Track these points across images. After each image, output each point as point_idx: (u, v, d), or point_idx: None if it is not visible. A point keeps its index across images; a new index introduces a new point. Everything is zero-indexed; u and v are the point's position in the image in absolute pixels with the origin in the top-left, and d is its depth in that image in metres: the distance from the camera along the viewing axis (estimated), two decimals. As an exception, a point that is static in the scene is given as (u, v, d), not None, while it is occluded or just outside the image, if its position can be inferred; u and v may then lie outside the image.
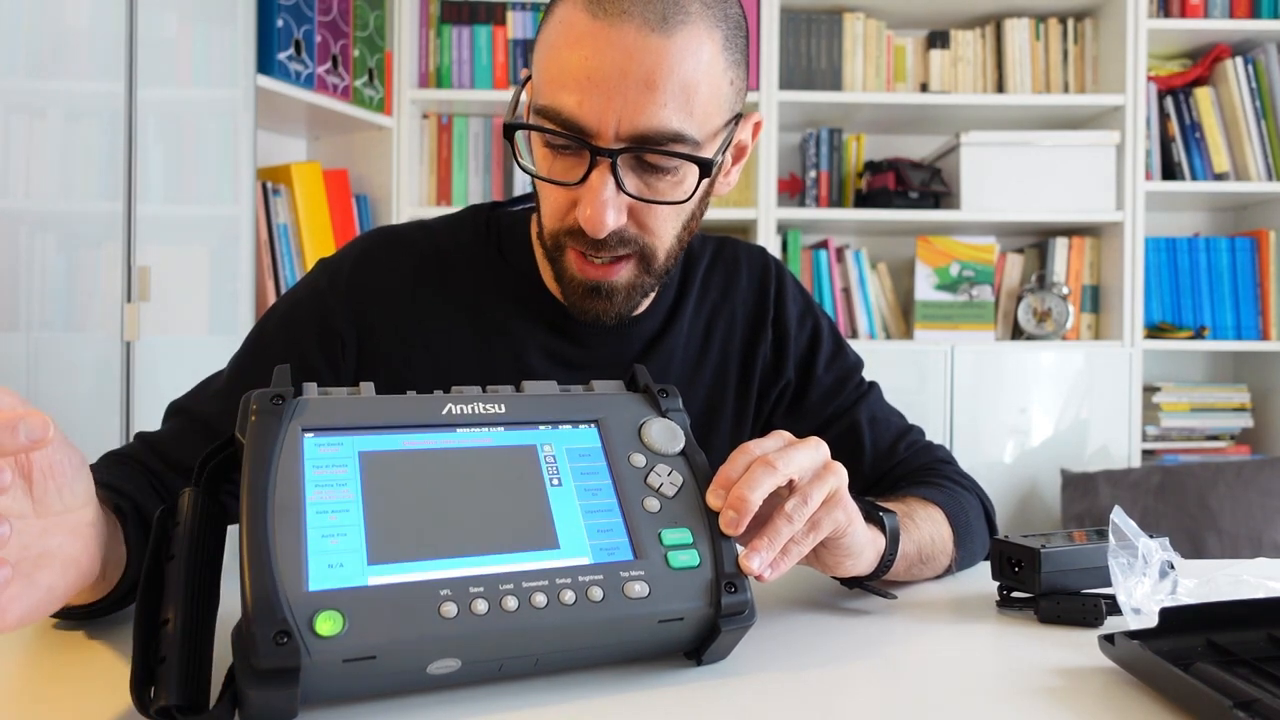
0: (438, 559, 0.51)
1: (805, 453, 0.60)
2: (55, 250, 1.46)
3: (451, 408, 0.59)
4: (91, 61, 1.51)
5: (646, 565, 0.54)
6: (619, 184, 0.69)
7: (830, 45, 2.38)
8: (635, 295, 0.78)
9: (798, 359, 0.93)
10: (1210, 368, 2.56)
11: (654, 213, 0.73)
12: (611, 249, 0.73)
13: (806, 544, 0.60)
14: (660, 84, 0.66)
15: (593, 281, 0.75)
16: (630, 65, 0.66)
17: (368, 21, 2.19)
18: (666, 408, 0.64)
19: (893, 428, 0.94)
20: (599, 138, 0.68)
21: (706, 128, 0.70)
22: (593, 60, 0.66)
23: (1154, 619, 0.58)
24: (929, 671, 0.59)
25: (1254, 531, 2.04)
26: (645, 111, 0.67)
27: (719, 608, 0.55)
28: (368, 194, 2.34)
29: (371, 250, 0.86)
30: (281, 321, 0.85)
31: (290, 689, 0.46)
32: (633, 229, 0.73)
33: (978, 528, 0.85)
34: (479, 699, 0.52)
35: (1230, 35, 2.38)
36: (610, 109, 0.67)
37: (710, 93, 0.69)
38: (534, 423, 0.60)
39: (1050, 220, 2.36)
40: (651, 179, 0.71)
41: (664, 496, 0.58)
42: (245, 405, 0.55)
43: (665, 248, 0.76)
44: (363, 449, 0.55)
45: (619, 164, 0.69)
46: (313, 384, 0.58)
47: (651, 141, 0.68)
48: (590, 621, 0.52)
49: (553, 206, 0.74)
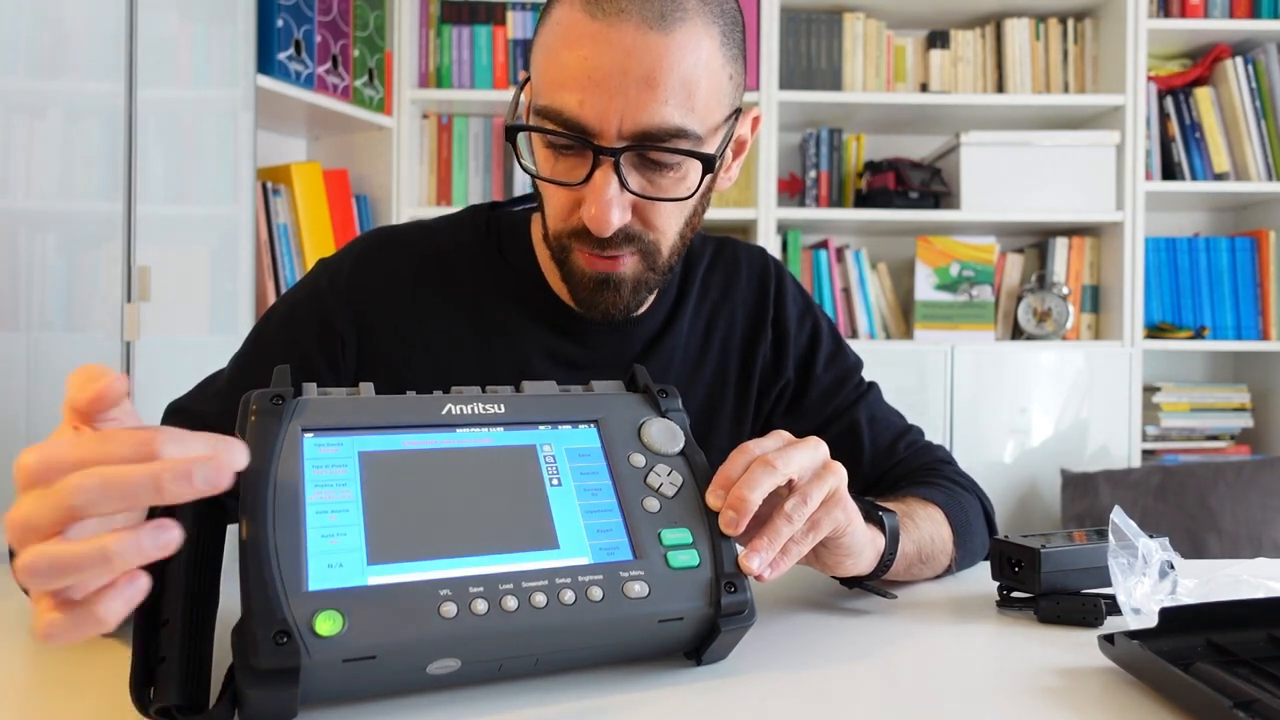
0: (437, 559, 0.51)
1: (805, 452, 0.60)
2: (55, 250, 1.45)
3: (451, 408, 0.59)
4: (91, 61, 1.51)
5: (646, 565, 0.54)
6: (623, 182, 0.69)
7: (830, 45, 2.38)
8: (641, 290, 0.78)
9: (797, 358, 0.94)
10: (1210, 368, 2.56)
11: (658, 210, 0.73)
12: (617, 246, 0.73)
13: (806, 544, 0.60)
14: (661, 81, 0.67)
15: (601, 274, 0.75)
16: (630, 64, 0.66)
17: (368, 21, 2.19)
18: (666, 408, 0.64)
19: (892, 427, 0.94)
20: (601, 137, 0.68)
21: (708, 123, 0.70)
22: (592, 60, 0.66)
23: (1154, 619, 0.58)
24: (929, 671, 0.59)
25: (1254, 531, 2.04)
26: (647, 109, 0.67)
27: (719, 607, 0.55)
28: (368, 194, 2.34)
29: (371, 250, 0.87)
30: (282, 322, 0.85)
31: (290, 689, 0.46)
32: (637, 226, 0.73)
33: (977, 528, 0.85)
34: (479, 699, 0.52)
35: (1230, 35, 2.38)
36: (612, 108, 0.67)
37: (710, 88, 0.70)
38: (533, 423, 0.60)
39: (1050, 220, 2.36)
40: (655, 176, 0.71)
41: (664, 496, 0.58)
42: (245, 405, 0.55)
43: (669, 244, 0.76)
44: (362, 449, 0.55)
45: (622, 162, 0.69)
46: (312, 384, 0.58)
47: (654, 139, 0.68)
48: (590, 621, 0.52)
49: (557, 207, 0.74)
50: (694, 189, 0.73)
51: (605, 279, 0.76)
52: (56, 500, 0.42)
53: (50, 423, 1.46)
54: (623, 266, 0.75)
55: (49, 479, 0.43)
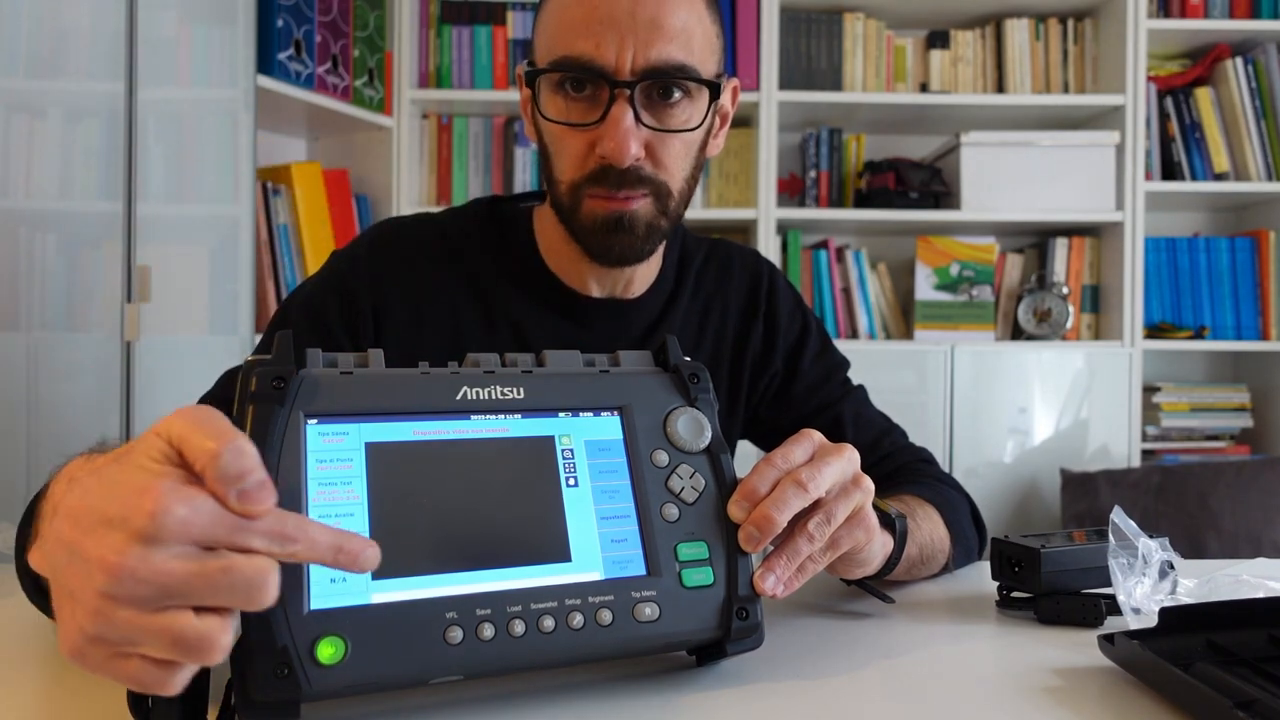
0: (444, 573, 0.50)
1: (835, 468, 0.58)
2: (55, 250, 1.45)
3: (467, 392, 0.55)
4: (91, 61, 1.51)
5: (659, 584, 0.53)
6: (636, 116, 0.75)
7: (830, 45, 2.38)
8: (653, 234, 0.81)
9: (786, 350, 0.97)
10: (1210, 368, 2.56)
11: (668, 147, 0.78)
12: (631, 186, 0.77)
13: (823, 561, 0.59)
14: (665, 23, 0.74)
15: (615, 213, 0.78)
16: (636, 7, 0.74)
17: (368, 21, 2.19)
18: (695, 395, 0.60)
19: (876, 426, 0.97)
20: (616, 73, 0.74)
21: (705, 67, 0.77)
22: (602, 8, 0.74)
23: (1154, 619, 0.58)
24: (929, 671, 0.59)
25: (1254, 531, 2.03)
26: (655, 45, 0.74)
27: (729, 632, 0.54)
28: (368, 194, 2.34)
29: (385, 235, 0.90)
30: (303, 307, 0.87)
31: (290, 717, 0.45)
32: (648, 167, 0.77)
33: (968, 528, 0.87)
34: (479, 700, 0.52)
35: (1230, 35, 2.38)
36: (625, 45, 0.74)
37: (703, 39, 0.77)
38: (554, 409, 0.57)
39: (1050, 220, 2.35)
40: (663, 112, 0.77)
41: (683, 503, 0.56)
42: (245, 379, 0.50)
43: (677, 186, 0.80)
44: (370, 440, 0.52)
45: (636, 96, 0.74)
46: (317, 351, 0.54)
47: (663, 73, 0.75)
48: (597, 645, 0.51)
49: (572, 155, 0.78)
50: (700, 120, 0.78)
51: (619, 219, 0.78)
52: (206, 581, 0.39)
53: (50, 422, 1.47)
54: (635, 205, 0.78)
55: (185, 540, 0.40)
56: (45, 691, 0.55)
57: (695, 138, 0.80)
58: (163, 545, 0.39)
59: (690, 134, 0.78)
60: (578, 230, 0.81)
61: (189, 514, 0.40)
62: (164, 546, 0.39)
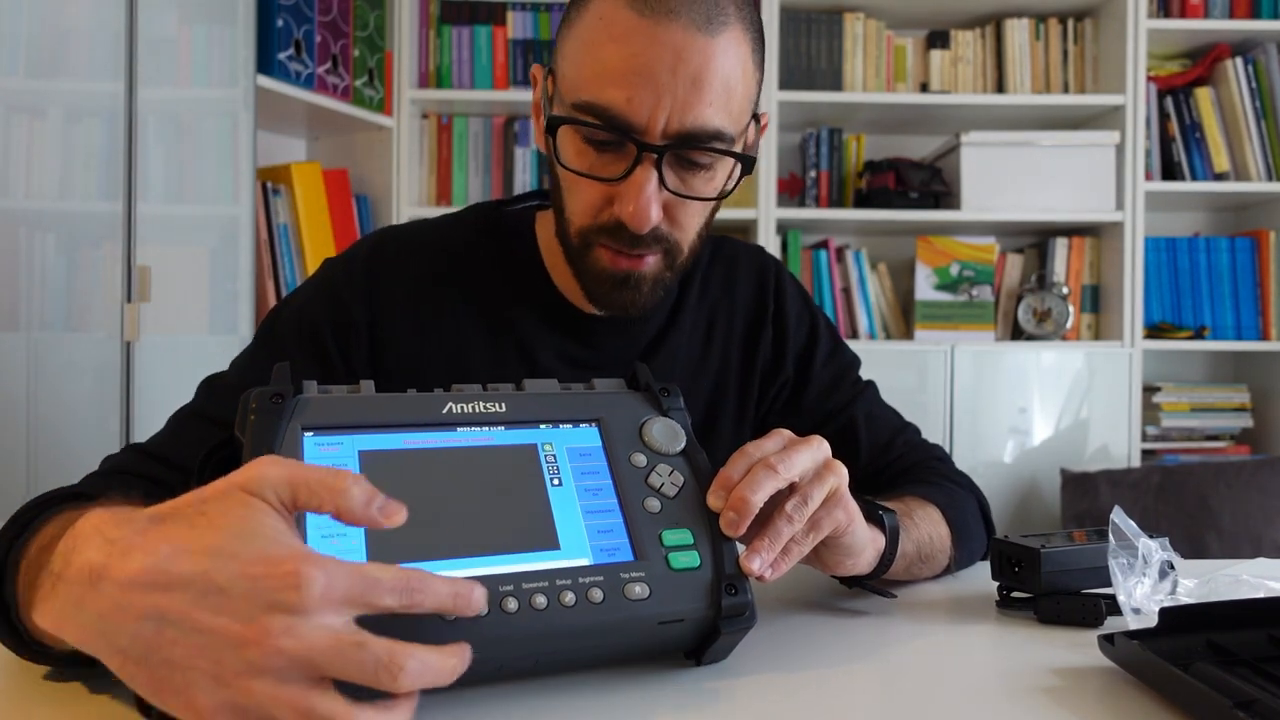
0: (437, 560, 0.51)
1: (806, 453, 0.60)
2: (55, 250, 1.45)
3: (452, 406, 0.59)
4: (91, 61, 1.51)
5: (647, 566, 0.54)
6: (661, 180, 0.71)
7: (830, 45, 2.38)
8: (658, 288, 0.79)
9: (796, 355, 0.94)
10: (1210, 368, 2.56)
11: (687, 209, 0.74)
12: (645, 245, 0.74)
13: (807, 544, 0.60)
14: (707, 83, 0.68)
15: (623, 273, 0.76)
16: (679, 64, 0.67)
17: (368, 21, 2.19)
18: (668, 406, 0.64)
19: (889, 425, 0.95)
20: (647, 134, 0.69)
21: (739, 126, 0.73)
22: (642, 57, 0.67)
23: (1154, 619, 0.58)
24: (929, 671, 0.59)
25: (1254, 531, 2.04)
26: (693, 110, 0.69)
27: (719, 609, 0.55)
28: (368, 194, 2.34)
29: (383, 246, 0.87)
30: (294, 317, 0.83)
31: None
32: (665, 225, 0.74)
33: (975, 527, 0.86)
34: (479, 699, 0.52)
35: (1230, 35, 2.38)
36: (660, 106, 0.68)
37: (744, 93, 0.72)
38: (535, 422, 0.60)
39: (1050, 220, 2.35)
40: (688, 175, 0.73)
41: (665, 497, 0.58)
42: (245, 403, 0.55)
43: (689, 243, 0.78)
44: (363, 448, 0.55)
45: (663, 160, 0.70)
46: (313, 382, 0.58)
47: (696, 140, 0.70)
48: (590, 623, 0.52)
49: (586, 203, 0.74)
50: (722, 189, 0.75)
51: (626, 277, 0.76)
52: (341, 656, 0.40)
53: (50, 422, 1.46)
54: (645, 265, 0.76)
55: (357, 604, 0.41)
56: (49, 696, 0.55)
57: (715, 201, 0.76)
58: (305, 616, 0.39)
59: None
60: (583, 273, 0.78)
61: (328, 581, 0.40)
62: (306, 617, 0.39)
